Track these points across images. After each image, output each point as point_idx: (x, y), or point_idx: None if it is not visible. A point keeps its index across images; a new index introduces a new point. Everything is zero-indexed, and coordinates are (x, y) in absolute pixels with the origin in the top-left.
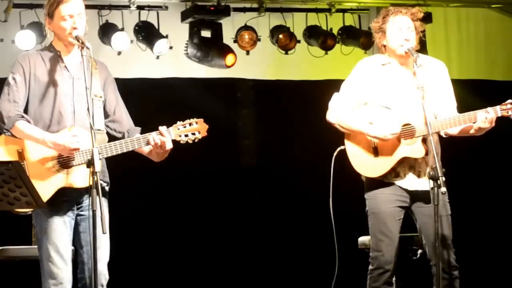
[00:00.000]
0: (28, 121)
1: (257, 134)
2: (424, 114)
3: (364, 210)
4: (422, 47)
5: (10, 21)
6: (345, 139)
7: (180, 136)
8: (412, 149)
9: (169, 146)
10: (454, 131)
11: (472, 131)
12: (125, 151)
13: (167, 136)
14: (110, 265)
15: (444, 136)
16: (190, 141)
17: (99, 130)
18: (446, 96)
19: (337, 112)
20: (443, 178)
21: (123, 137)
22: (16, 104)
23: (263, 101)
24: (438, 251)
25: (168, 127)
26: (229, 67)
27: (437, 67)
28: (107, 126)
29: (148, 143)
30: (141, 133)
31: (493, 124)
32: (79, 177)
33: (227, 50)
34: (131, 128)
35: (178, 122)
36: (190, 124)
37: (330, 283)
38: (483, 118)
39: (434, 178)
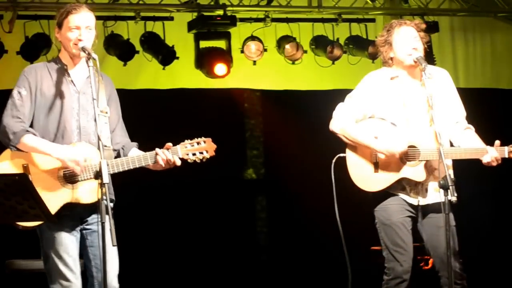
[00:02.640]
0: (34, 134)
1: (265, 145)
2: (432, 129)
3: (370, 217)
4: (427, 57)
5: (14, 32)
6: (347, 148)
7: (187, 154)
8: (413, 171)
9: (178, 163)
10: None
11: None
12: (131, 168)
13: (179, 153)
14: (120, 277)
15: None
16: (198, 160)
17: (106, 146)
18: (453, 105)
19: (342, 122)
20: (454, 188)
21: (118, 154)
22: (20, 120)
23: (271, 111)
24: (448, 261)
25: (175, 144)
26: (221, 77)
27: (442, 76)
28: None
29: (155, 161)
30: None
31: (500, 162)
32: (84, 193)
33: (219, 59)
34: (126, 144)
35: (186, 141)
36: (198, 143)
37: None
38: (489, 160)
39: (444, 188)
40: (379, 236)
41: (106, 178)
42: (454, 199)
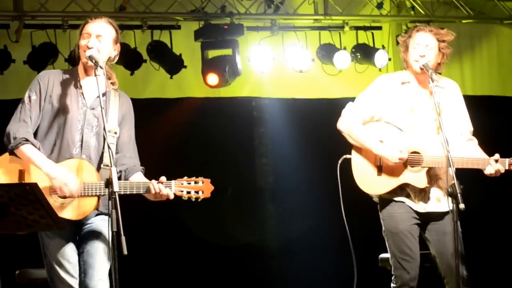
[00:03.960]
0: (34, 145)
1: (274, 153)
2: (437, 138)
3: (378, 223)
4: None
5: (21, 41)
6: (352, 149)
7: (181, 191)
8: (415, 177)
9: (171, 197)
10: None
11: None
12: (122, 193)
13: (172, 189)
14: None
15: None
16: (193, 199)
17: (107, 166)
18: (460, 118)
19: (349, 122)
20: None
21: (118, 177)
22: (26, 124)
23: (279, 119)
24: (458, 270)
25: (172, 178)
26: (214, 87)
27: (452, 88)
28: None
29: (148, 191)
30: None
31: (502, 173)
32: (74, 209)
33: (210, 70)
34: (130, 167)
35: (184, 178)
36: (195, 182)
37: None
38: (492, 171)
39: (452, 195)
40: (387, 244)
41: (116, 187)
42: (462, 206)
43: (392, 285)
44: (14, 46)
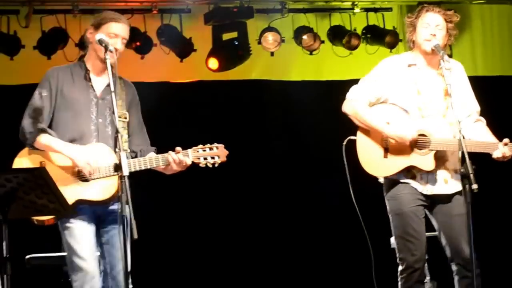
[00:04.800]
0: (50, 134)
1: (284, 136)
2: (445, 121)
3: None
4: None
5: (31, 27)
6: (358, 131)
7: (198, 158)
8: (422, 160)
9: (188, 162)
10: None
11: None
12: (143, 168)
13: (190, 156)
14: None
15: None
16: (210, 165)
17: (124, 150)
18: (467, 99)
19: (355, 104)
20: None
21: (136, 156)
22: (37, 120)
23: (289, 102)
24: (471, 252)
25: (189, 142)
26: (215, 71)
27: (457, 69)
28: None
29: (168, 163)
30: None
31: (509, 158)
32: (96, 191)
33: (213, 54)
34: (144, 148)
35: (199, 146)
36: (210, 149)
37: (362, 281)
38: (499, 155)
39: (465, 176)
40: (391, 226)
41: (126, 171)
42: (475, 187)
43: (399, 268)
44: (23, 32)
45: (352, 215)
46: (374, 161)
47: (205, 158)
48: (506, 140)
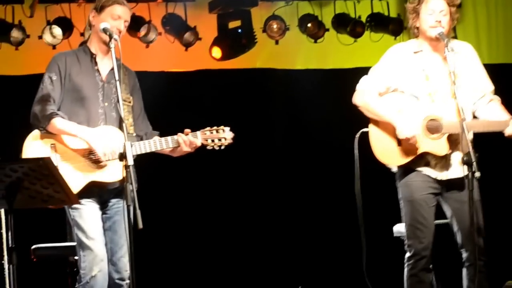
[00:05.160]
0: (63, 117)
1: (288, 124)
2: (456, 103)
3: (395, 196)
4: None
5: (36, 16)
6: (370, 122)
7: (206, 140)
8: (436, 144)
9: (198, 143)
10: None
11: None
12: (153, 150)
13: (199, 137)
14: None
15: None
16: (216, 147)
17: (128, 133)
18: (479, 79)
19: (365, 95)
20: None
21: (142, 138)
22: (50, 103)
23: (293, 90)
24: (475, 238)
25: (195, 130)
26: (218, 60)
27: (466, 51)
28: None
29: (178, 143)
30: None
31: None
32: (108, 173)
33: (217, 43)
34: (149, 132)
35: (207, 128)
36: (217, 131)
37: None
38: (511, 132)
39: (468, 164)
40: (402, 213)
41: (131, 160)
42: (478, 174)
43: (406, 255)
44: (28, 21)
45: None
46: (388, 150)
47: (212, 140)
48: None
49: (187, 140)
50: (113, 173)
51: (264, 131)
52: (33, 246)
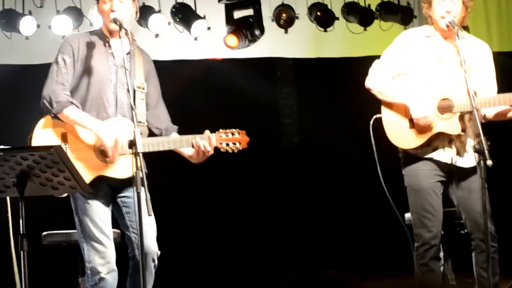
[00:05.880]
0: (77, 106)
1: (298, 113)
2: (466, 88)
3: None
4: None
5: (46, 6)
6: (382, 106)
7: (221, 143)
8: (448, 124)
9: (211, 152)
10: (490, 113)
11: (511, 114)
12: (166, 148)
13: (213, 141)
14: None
15: (483, 121)
16: (230, 151)
17: (140, 122)
18: (487, 78)
19: (377, 79)
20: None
21: (160, 134)
22: (64, 87)
23: (303, 79)
24: (485, 226)
25: (213, 130)
26: (232, 48)
27: (482, 48)
28: (147, 120)
29: (192, 146)
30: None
31: None
32: (118, 167)
33: (230, 31)
34: (169, 127)
35: (221, 130)
36: (232, 134)
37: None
38: None
39: (480, 152)
40: (409, 201)
41: (140, 147)
42: (490, 163)
43: (415, 244)
44: (38, 11)
45: (373, 192)
46: (401, 133)
47: (227, 144)
48: None
49: (202, 146)
50: (122, 169)
51: (272, 120)
52: (44, 233)
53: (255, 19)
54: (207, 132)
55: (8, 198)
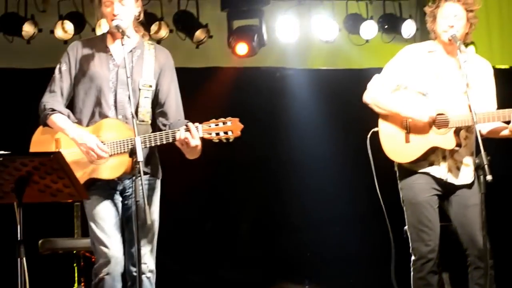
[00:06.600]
0: (61, 113)
1: (298, 124)
2: (468, 102)
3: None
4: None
5: (48, 11)
6: (379, 119)
7: (210, 133)
8: (443, 139)
9: (194, 143)
10: (484, 129)
11: (505, 133)
12: (152, 144)
13: (194, 132)
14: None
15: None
16: (224, 140)
17: (143, 121)
18: (487, 96)
19: (375, 92)
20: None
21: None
22: (55, 94)
23: (304, 90)
24: (484, 242)
25: (202, 122)
26: (243, 56)
27: (483, 66)
28: (156, 117)
29: (175, 139)
30: None
31: None
32: (106, 169)
33: (238, 39)
34: (175, 122)
35: (212, 120)
36: (223, 123)
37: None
38: None
39: (479, 166)
40: (405, 215)
41: (141, 156)
42: (489, 178)
43: (411, 258)
44: (41, 16)
45: (370, 205)
46: (397, 147)
47: (217, 133)
48: None
49: (183, 137)
50: (111, 169)
51: (273, 130)
52: (41, 240)
53: (257, 29)
54: (190, 124)
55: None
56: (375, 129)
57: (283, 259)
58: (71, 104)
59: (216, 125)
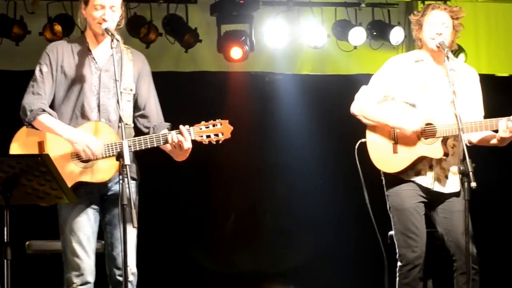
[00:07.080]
0: (51, 114)
1: (285, 129)
2: (454, 110)
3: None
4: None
5: (37, 13)
6: (366, 130)
7: (201, 136)
8: (431, 149)
9: (186, 145)
10: (473, 138)
11: (494, 141)
12: (143, 148)
13: (186, 135)
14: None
15: (468, 144)
16: (214, 142)
17: (126, 124)
18: (474, 103)
19: (362, 103)
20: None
21: (148, 133)
22: (40, 97)
23: (292, 95)
24: (467, 248)
25: (192, 125)
26: (237, 61)
27: (470, 74)
28: (136, 120)
29: (167, 142)
30: (171, 128)
31: None
32: (95, 172)
33: (237, 43)
34: (158, 124)
35: (202, 122)
36: (213, 125)
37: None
38: (504, 127)
39: (464, 173)
40: (392, 222)
41: (128, 160)
42: (474, 185)
43: (398, 264)
44: (30, 18)
45: (356, 210)
46: (385, 157)
47: (208, 136)
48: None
49: (176, 140)
50: (99, 172)
51: (261, 135)
52: (28, 242)
53: (247, 34)
54: (182, 127)
55: None
56: (363, 140)
57: (271, 264)
58: (49, 106)
59: (207, 127)
